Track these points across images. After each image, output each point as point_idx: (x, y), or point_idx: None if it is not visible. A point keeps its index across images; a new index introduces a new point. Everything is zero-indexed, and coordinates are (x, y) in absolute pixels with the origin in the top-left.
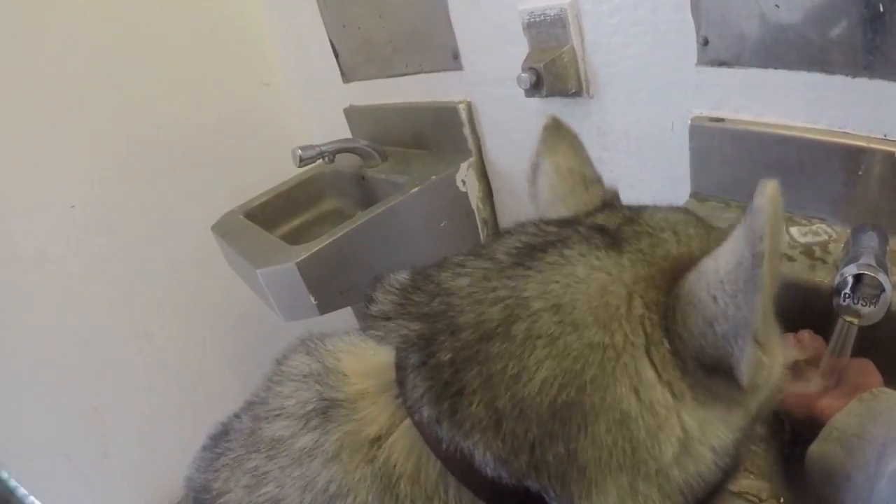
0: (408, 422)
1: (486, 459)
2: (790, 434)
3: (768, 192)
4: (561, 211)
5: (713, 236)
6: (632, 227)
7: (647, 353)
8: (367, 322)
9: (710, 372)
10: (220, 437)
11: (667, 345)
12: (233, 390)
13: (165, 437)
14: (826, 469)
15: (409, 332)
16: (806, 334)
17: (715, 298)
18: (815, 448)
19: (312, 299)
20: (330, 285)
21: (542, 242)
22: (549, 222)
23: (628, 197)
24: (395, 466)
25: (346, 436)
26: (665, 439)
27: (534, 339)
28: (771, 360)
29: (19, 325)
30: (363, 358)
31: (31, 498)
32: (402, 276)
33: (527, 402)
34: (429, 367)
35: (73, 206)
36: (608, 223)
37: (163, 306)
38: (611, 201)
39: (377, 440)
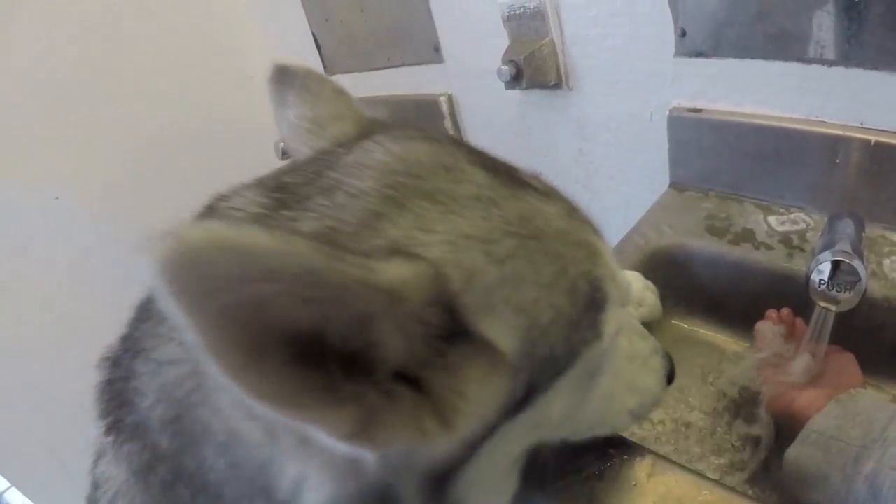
0: None
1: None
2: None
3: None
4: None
5: None
6: None
7: None
8: None
9: None
10: None
11: None
12: None
13: None
14: (803, 471)
15: None
16: (787, 311)
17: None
18: (792, 451)
19: None
20: None
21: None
22: None
23: (608, 187)
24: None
25: None
26: (278, 475)
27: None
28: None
29: (3, 317)
30: None
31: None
32: None
33: (145, 417)
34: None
35: (57, 198)
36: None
37: None
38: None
39: None
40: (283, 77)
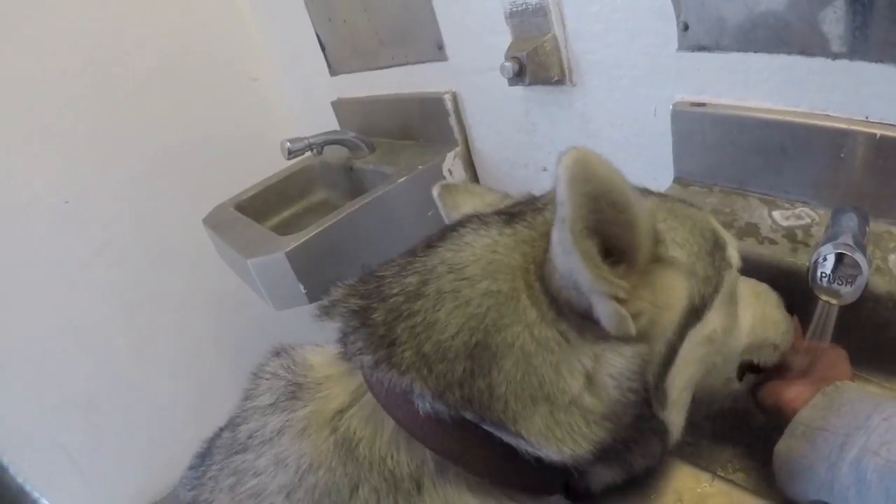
0: (368, 395)
1: (423, 393)
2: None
3: (565, 160)
4: None
5: None
6: (529, 207)
7: (529, 297)
8: (321, 311)
9: (586, 317)
10: (206, 455)
11: (542, 292)
12: (224, 380)
13: (158, 427)
14: (792, 464)
15: (351, 306)
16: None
17: (558, 257)
18: (781, 445)
19: (302, 288)
20: (319, 274)
21: (449, 229)
22: (462, 218)
23: None
24: (354, 433)
25: (313, 413)
26: (569, 373)
27: (442, 295)
28: (647, 310)
29: (15, 318)
30: (328, 353)
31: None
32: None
33: (446, 346)
34: (366, 327)
35: (66, 202)
36: (511, 209)
37: (155, 298)
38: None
39: (340, 412)
40: (448, 189)
